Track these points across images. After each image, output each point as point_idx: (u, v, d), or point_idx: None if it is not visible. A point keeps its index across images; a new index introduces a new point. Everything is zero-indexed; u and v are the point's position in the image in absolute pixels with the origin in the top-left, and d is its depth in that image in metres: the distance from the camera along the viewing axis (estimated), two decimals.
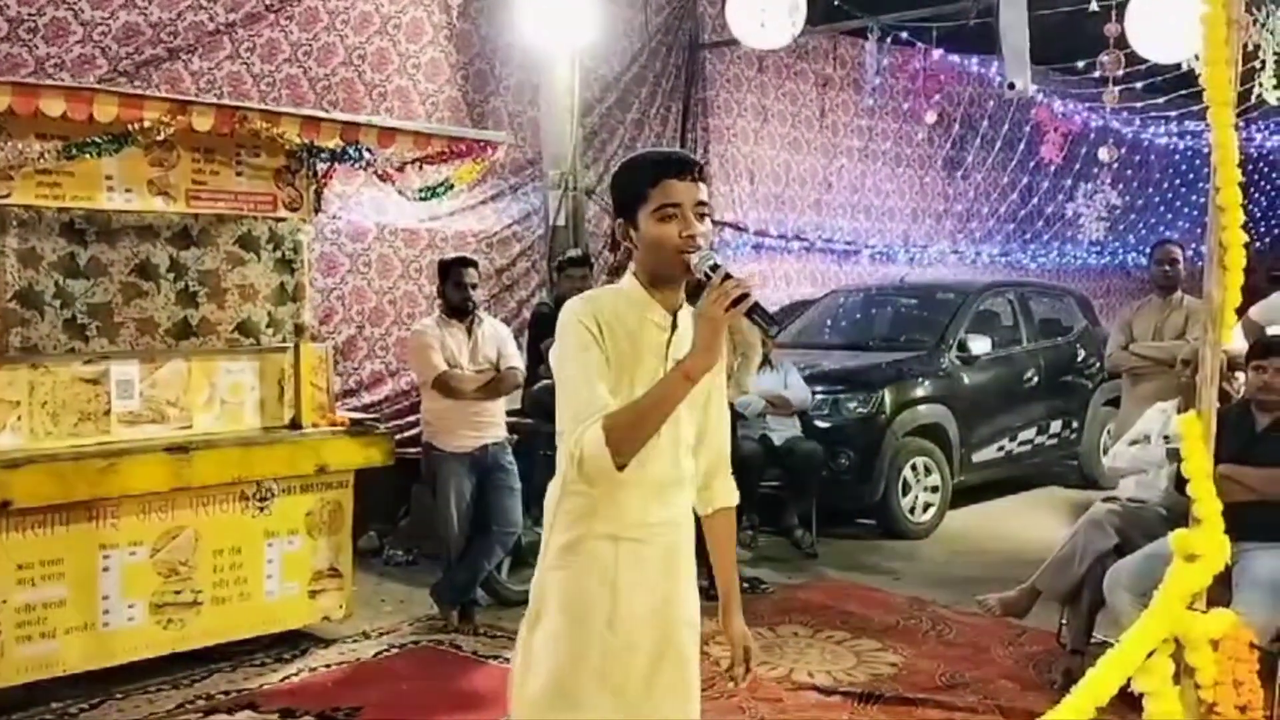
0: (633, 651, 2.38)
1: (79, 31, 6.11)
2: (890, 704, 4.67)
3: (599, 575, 2.36)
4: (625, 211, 2.39)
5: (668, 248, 2.31)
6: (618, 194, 2.43)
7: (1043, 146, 11.60)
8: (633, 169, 2.43)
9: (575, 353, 2.32)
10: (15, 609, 4.42)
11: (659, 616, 2.41)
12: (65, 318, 4.61)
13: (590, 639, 2.35)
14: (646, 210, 2.33)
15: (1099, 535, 4.85)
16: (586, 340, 2.31)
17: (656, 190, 2.32)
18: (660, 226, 2.32)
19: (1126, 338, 6.79)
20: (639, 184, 2.35)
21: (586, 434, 2.23)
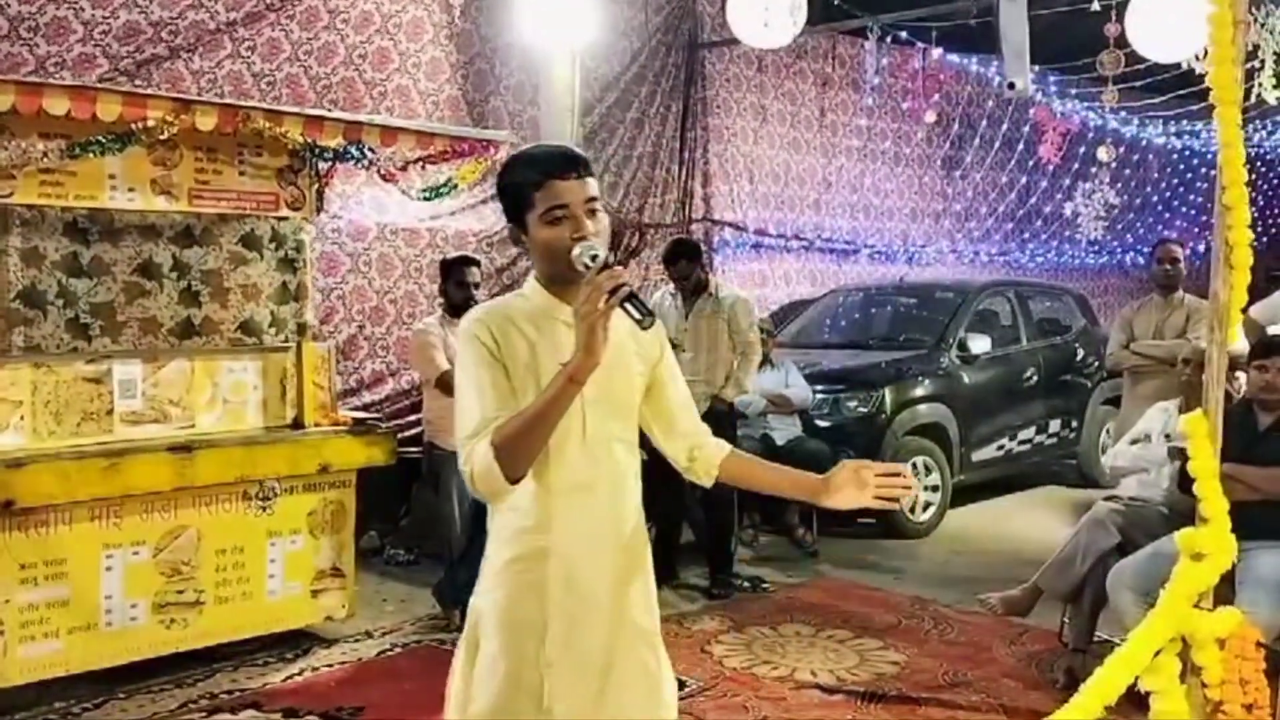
0: (576, 670, 2.26)
1: (80, 30, 6.11)
2: (893, 703, 4.68)
3: (532, 594, 2.25)
4: (513, 216, 2.29)
5: (559, 250, 2.20)
6: (503, 199, 2.32)
7: (1041, 146, 11.60)
8: (514, 171, 2.30)
9: (467, 368, 2.25)
10: (18, 608, 4.42)
11: (603, 628, 2.29)
12: (68, 317, 4.60)
13: (527, 662, 2.24)
14: (534, 215, 2.23)
15: (1101, 534, 4.86)
16: (479, 354, 2.24)
17: (542, 193, 2.22)
18: (550, 230, 2.22)
19: (1127, 336, 6.80)
20: (523, 188, 2.24)
21: (476, 450, 2.15)
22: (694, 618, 5.87)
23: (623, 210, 9.14)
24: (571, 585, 2.26)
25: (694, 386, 6.32)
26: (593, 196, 2.24)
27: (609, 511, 2.32)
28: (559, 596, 2.25)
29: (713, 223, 9.80)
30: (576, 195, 2.22)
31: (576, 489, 2.26)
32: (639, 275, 9.22)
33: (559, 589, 2.25)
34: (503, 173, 2.34)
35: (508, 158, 2.41)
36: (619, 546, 2.33)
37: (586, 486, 2.27)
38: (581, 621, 2.27)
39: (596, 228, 2.22)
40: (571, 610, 2.26)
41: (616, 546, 2.32)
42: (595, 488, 2.29)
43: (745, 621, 5.77)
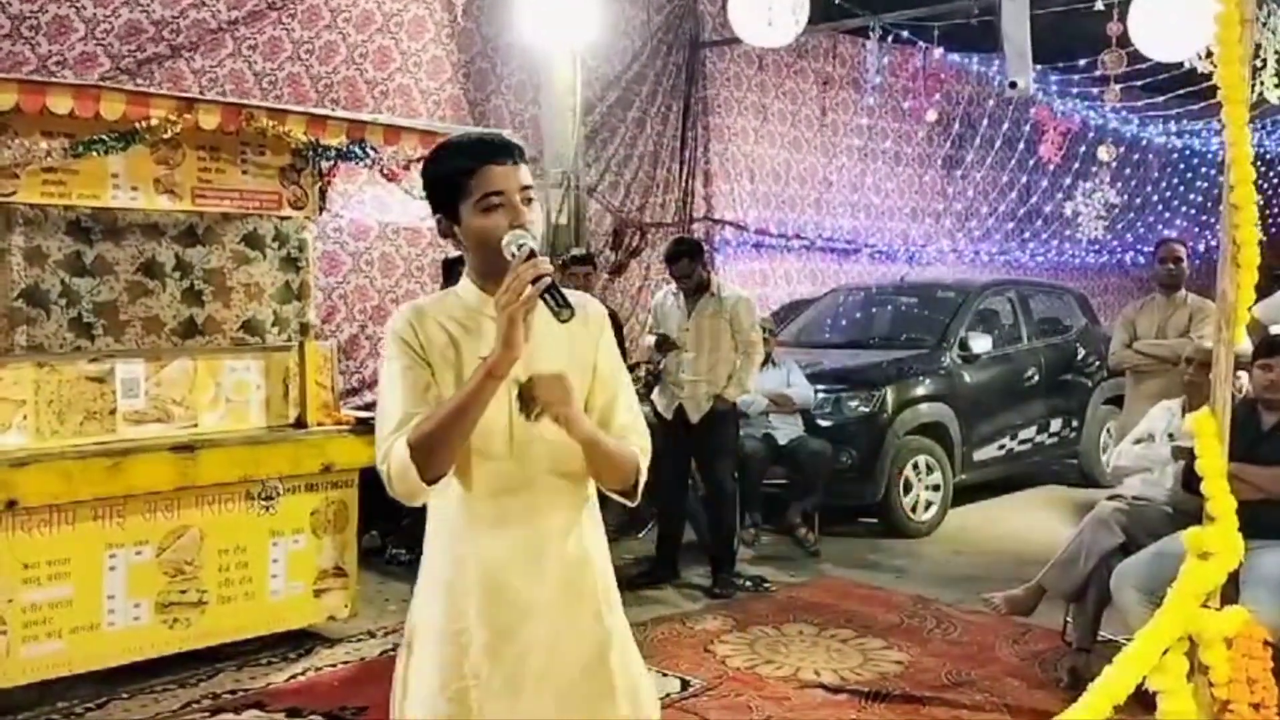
0: (509, 682, 2.14)
1: (81, 29, 6.11)
2: (897, 702, 4.67)
3: (459, 603, 2.16)
4: (443, 206, 2.16)
5: (494, 239, 2.09)
6: (432, 187, 2.19)
7: (1042, 145, 11.61)
8: (446, 158, 2.18)
9: (387, 369, 2.17)
10: (21, 608, 4.40)
11: (541, 638, 2.16)
12: (71, 316, 4.60)
13: (455, 673, 2.15)
14: (469, 202, 2.11)
15: (1105, 533, 4.86)
16: (400, 351, 2.15)
17: (476, 180, 2.10)
18: (485, 218, 2.10)
19: (1130, 335, 6.80)
20: (456, 174, 2.13)
21: (393, 448, 2.06)
22: (696, 617, 5.87)
23: (624, 209, 9.14)
24: (499, 594, 2.15)
25: (696, 386, 6.43)
26: (528, 185, 2.14)
27: (544, 517, 2.18)
28: (485, 606, 2.14)
29: (714, 222, 9.80)
30: (512, 182, 2.12)
31: (504, 493, 2.15)
32: (640, 274, 9.23)
33: (485, 598, 2.15)
34: (431, 161, 2.22)
35: (435, 147, 2.27)
36: (559, 553, 2.20)
37: (514, 490, 2.15)
38: (514, 632, 2.15)
39: (533, 216, 2.13)
40: (501, 620, 2.14)
41: (557, 553, 2.19)
42: (525, 492, 2.16)
43: (748, 621, 5.76)
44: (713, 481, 6.49)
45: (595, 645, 2.24)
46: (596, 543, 2.29)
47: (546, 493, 2.18)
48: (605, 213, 8.99)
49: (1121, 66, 7.97)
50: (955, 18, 9.13)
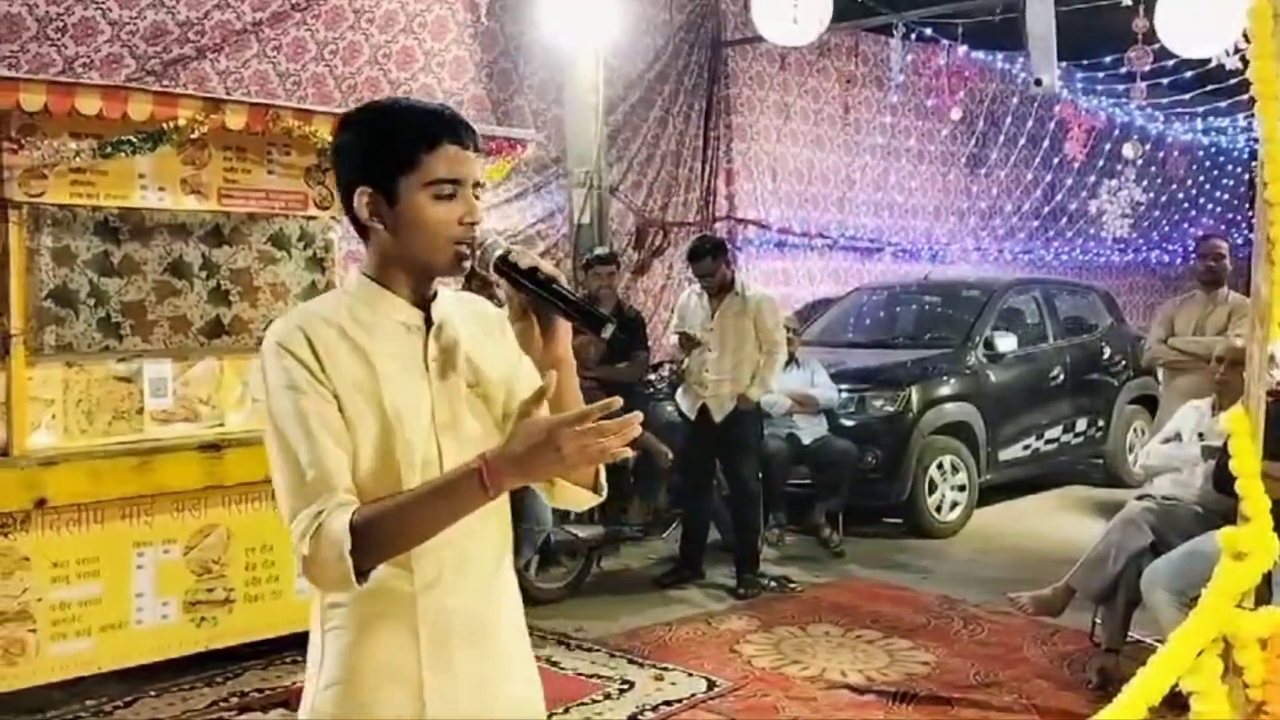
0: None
1: (107, 31, 6.14)
2: (925, 703, 4.65)
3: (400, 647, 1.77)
4: (378, 178, 1.74)
5: (443, 236, 1.74)
6: (366, 152, 1.76)
7: (1067, 143, 11.54)
8: (395, 121, 1.77)
9: (283, 399, 1.69)
10: (50, 606, 4.42)
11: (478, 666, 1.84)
12: (99, 316, 4.60)
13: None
14: (415, 179, 1.73)
15: (1134, 533, 4.82)
16: (295, 378, 1.69)
17: (432, 157, 1.73)
18: (437, 206, 1.74)
19: (1167, 331, 6.74)
20: (407, 145, 1.73)
21: (327, 526, 1.62)
22: (721, 617, 5.85)
23: (646, 209, 9.13)
24: (444, 634, 1.79)
25: (720, 386, 6.42)
26: (481, 182, 1.81)
27: (478, 549, 1.83)
28: (431, 647, 1.78)
29: (736, 221, 9.78)
30: (471, 171, 1.77)
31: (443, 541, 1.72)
32: (663, 274, 9.22)
33: (431, 639, 1.78)
34: (368, 120, 1.80)
35: (372, 105, 1.85)
36: (492, 583, 1.88)
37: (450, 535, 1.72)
38: (457, 669, 1.81)
39: (483, 220, 1.80)
40: (447, 659, 1.79)
41: (492, 583, 1.88)
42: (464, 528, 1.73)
43: (773, 621, 5.74)
44: (737, 481, 6.47)
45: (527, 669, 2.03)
46: (510, 566, 1.99)
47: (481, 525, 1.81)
48: (628, 212, 8.98)
49: (1148, 63, 7.91)
50: (979, 15, 9.08)
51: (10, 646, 4.32)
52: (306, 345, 1.70)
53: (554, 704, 4.60)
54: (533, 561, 5.92)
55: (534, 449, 1.58)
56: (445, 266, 1.77)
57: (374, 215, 1.76)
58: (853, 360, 8.15)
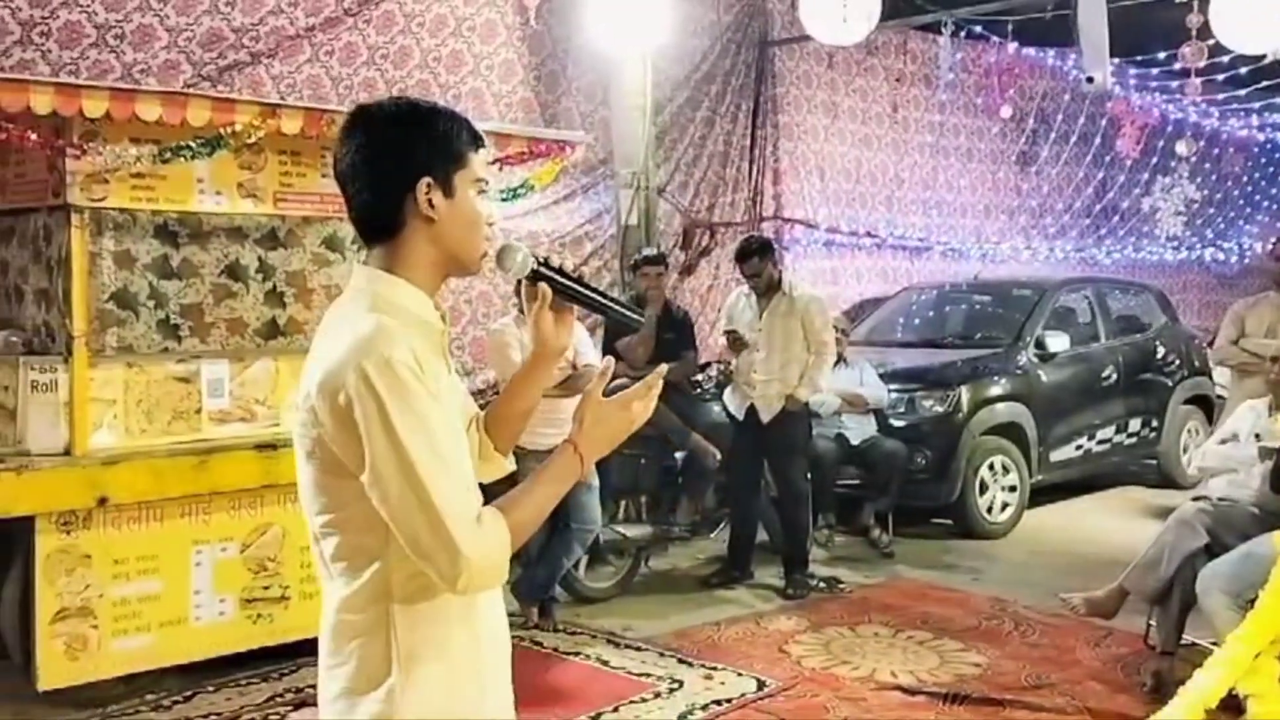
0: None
1: (165, 37, 6.25)
2: (976, 705, 4.63)
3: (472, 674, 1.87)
4: (437, 171, 1.81)
5: (482, 231, 1.86)
6: (436, 142, 1.82)
7: (1119, 140, 11.40)
8: (450, 118, 1.85)
9: (412, 418, 1.69)
10: (112, 603, 4.53)
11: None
12: (159, 318, 4.70)
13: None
14: (466, 176, 1.83)
15: (1189, 535, 4.76)
16: (422, 395, 1.70)
17: (478, 158, 1.85)
18: (479, 202, 1.85)
19: (1238, 332, 6.63)
20: (463, 141, 1.84)
21: (489, 533, 1.72)
22: (770, 617, 5.86)
23: (693, 209, 9.14)
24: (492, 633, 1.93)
25: (768, 386, 6.42)
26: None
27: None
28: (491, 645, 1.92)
29: (783, 220, 9.76)
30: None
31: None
32: (710, 274, 9.22)
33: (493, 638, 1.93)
34: (425, 117, 1.84)
35: (410, 102, 1.87)
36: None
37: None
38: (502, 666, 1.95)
39: None
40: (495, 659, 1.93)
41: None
42: None
43: (822, 622, 5.74)
44: (785, 481, 6.47)
45: None
46: None
47: None
48: (675, 213, 8.99)
49: (1202, 59, 7.81)
50: (1029, 12, 9.01)
51: (73, 642, 4.42)
52: (414, 358, 1.72)
53: (603, 702, 4.64)
54: (582, 561, 5.96)
55: (613, 424, 1.89)
56: (477, 260, 1.87)
57: (431, 206, 1.80)
58: (902, 360, 8.11)
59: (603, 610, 5.88)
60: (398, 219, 1.81)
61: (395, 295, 1.81)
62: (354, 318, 1.77)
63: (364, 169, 1.82)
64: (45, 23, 5.84)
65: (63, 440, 4.46)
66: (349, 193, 1.85)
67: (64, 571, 4.40)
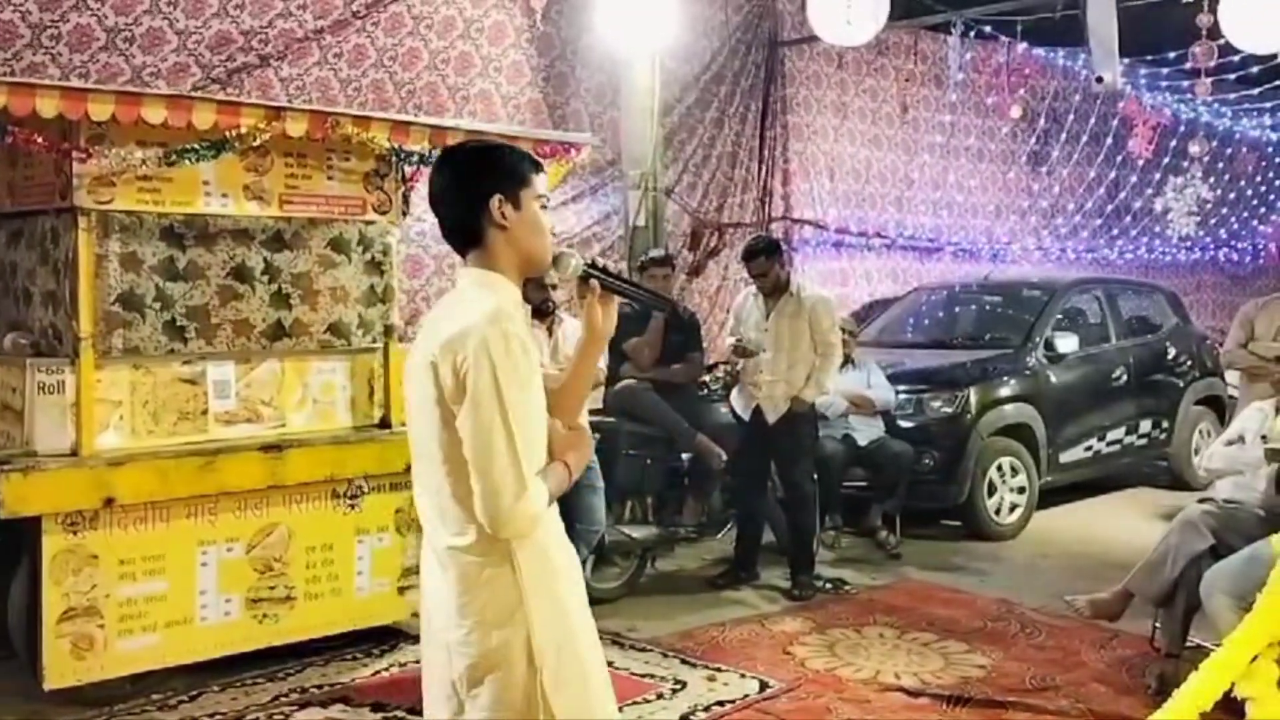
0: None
1: (174, 40, 6.28)
2: (980, 707, 4.62)
3: (572, 600, 2.33)
4: (506, 189, 2.29)
5: (546, 234, 2.34)
6: (504, 168, 2.32)
7: (1131, 140, 11.35)
8: (514, 152, 2.38)
9: (516, 380, 2.14)
10: (118, 603, 4.55)
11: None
12: (165, 320, 4.72)
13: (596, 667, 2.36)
14: (530, 193, 2.31)
15: (1194, 537, 4.75)
16: (529, 368, 2.18)
17: (538, 179, 2.34)
18: (541, 214, 2.34)
19: (1247, 335, 6.59)
20: (525, 167, 2.33)
21: (540, 491, 2.18)
22: (775, 618, 5.86)
23: (702, 210, 9.15)
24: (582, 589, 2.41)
25: (774, 386, 6.42)
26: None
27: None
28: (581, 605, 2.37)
29: (793, 221, 9.76)
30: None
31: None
32: (718, 275, 9.22)
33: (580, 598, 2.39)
34: (496, 146, 2.41)
35: (488, 141, 2.50)
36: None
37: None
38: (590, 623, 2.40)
39: None
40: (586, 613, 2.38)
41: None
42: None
43: (827, 623, 5.74)
44: (791, 483, 6.47)
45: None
46: None
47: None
48: (683, 214, 9.00)
49: (1212, 59, 7.77)
50: (1039, 12, 8.98)
51: (79, 641, 4.46)
52: (526, 338, 2.16)
53: None
54: (588, 561, 5.96)
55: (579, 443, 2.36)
56: (546, 260, 2.34)
57: (503, 216, 2.27)
58: (911, 361, 8.10)
59: (608, 611, 5.89)
60: (480, 229, 2.28)
61: (500, 285, 2.27)
62: (474, 299, 2.22)
63: (452, 192, 2.31)
64: (55, 26, 5.88)
65: (69, 441, 4.49)
66: (441, 212, 2.33)
67: (70, 571, 4.43)
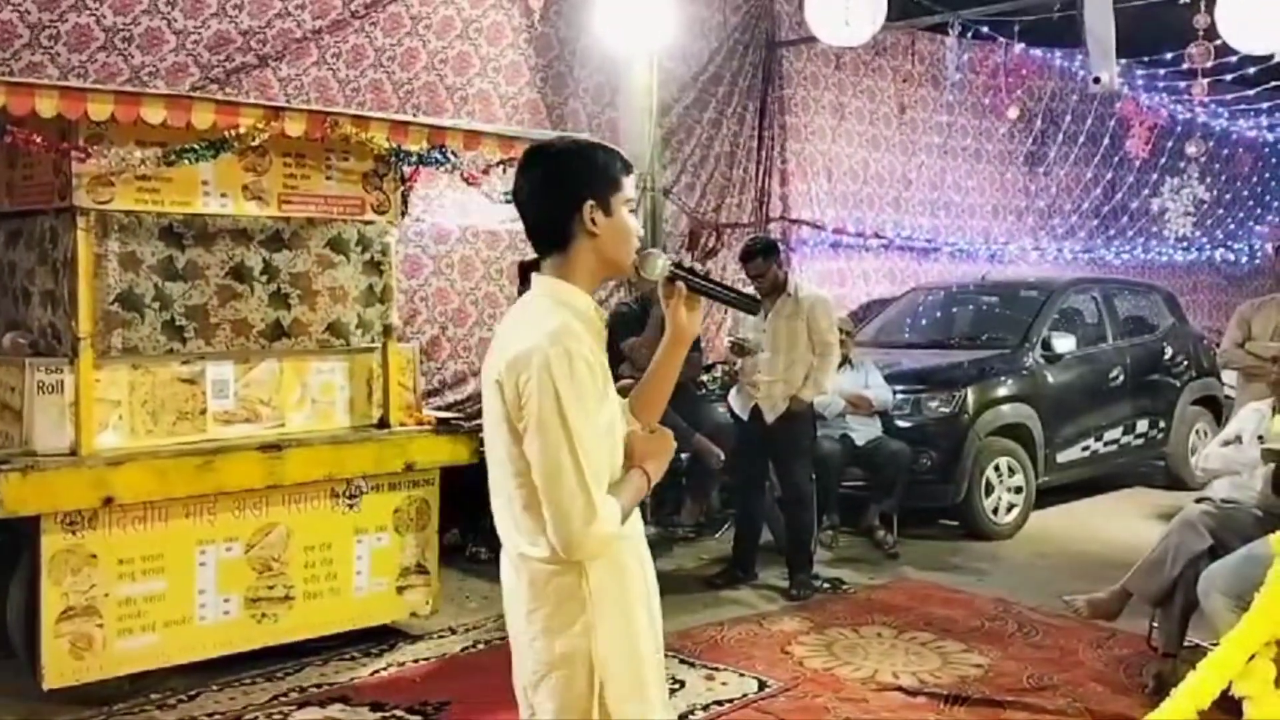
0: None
1: (173, 40, 6.28)
2: (977, 706, 4.63)
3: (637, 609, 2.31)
4: (598, 194, 2.24)
5: (633, 242, 2.29)
6: (598, 170, 2.26)
7: (1128, 141, 11.37)
8: (606, 151, 2.32)
9: (579, 405, 2.12)
10: (117, 602, 4.56)
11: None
12: (164, 319, 4.72)
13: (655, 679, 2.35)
14: (621, 197, 2.27)
15: (1192, 537, 4.76)
16: (591, 388, 2.14)
17: (629, 181, 2.29)
18: (629, 218, 2.30)
19: (1243, 335, 6.59)
20: (617, 169, 2.28)
21: (610, 511, 2.15)
22: (773, 618, 5.86)
23: (700, 210, 9.15)
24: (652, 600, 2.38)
25: (772, 387, 6.42)
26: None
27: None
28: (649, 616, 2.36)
29: (790, 222, 9.77)
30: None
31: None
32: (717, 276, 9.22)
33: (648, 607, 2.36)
34: (587, 147, 2.33)
35: (581, 141, 2.40)
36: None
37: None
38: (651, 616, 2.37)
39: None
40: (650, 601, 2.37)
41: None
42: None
43: (826, 622, 5.75)
44: (789, 482, 6.47)
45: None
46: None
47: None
48: (681, 214, 9.01)
49: (1209, 60, 7.79)
50: (1036, 12, 9.00)
51: (78, 641, 4.46)
52: (590, 354, 2.14)
53: None
54: None
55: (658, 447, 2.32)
56: (629, 265, 2.30)
57: (593, 223, 2.22)
58: (909, 361, 8.11)
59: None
60: (567, 233, 2.23)
61: (571, 298, 2.23)
62: (541, 314, 2.19)
63: (540, 194, 2.26)
64: (54, 26, 5.88)
65: (68, 441, 4.49)
66: (526, 214, 2.28)
67: (70, 571, 4.43)
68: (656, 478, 2.29)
